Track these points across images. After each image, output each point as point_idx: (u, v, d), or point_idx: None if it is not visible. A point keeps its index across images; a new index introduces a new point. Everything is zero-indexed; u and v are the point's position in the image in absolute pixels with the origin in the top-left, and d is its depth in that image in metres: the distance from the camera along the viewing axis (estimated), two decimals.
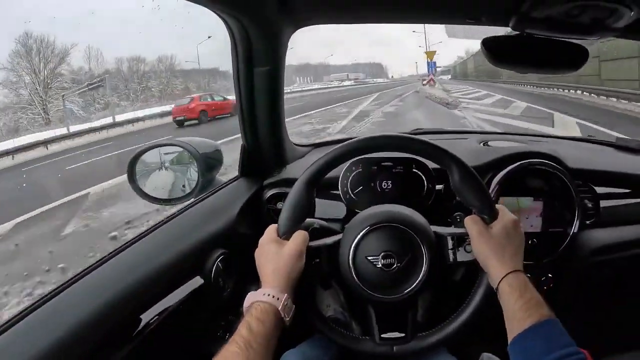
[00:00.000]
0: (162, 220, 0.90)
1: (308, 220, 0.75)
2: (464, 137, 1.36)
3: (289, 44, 1.00)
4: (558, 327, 0.59)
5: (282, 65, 1.02)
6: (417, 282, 0.71)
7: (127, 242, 0.81)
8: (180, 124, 14.27)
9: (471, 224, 0.70)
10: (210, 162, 1.08)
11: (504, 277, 0.65)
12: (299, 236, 0.70)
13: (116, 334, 0.67)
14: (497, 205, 0.71)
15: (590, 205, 1.09)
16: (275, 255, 0.69)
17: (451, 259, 0.73)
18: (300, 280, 0.70)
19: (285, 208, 0.72)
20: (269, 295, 0.65)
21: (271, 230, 0.73)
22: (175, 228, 0.90)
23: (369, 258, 0.72)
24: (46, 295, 0.65)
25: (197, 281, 0.84)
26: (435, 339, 0.73)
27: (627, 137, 1.38)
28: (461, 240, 0.72)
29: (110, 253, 0.77)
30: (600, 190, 1.11)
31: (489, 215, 0.70)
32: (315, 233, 0.74)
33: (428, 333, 0.74)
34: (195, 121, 14.19)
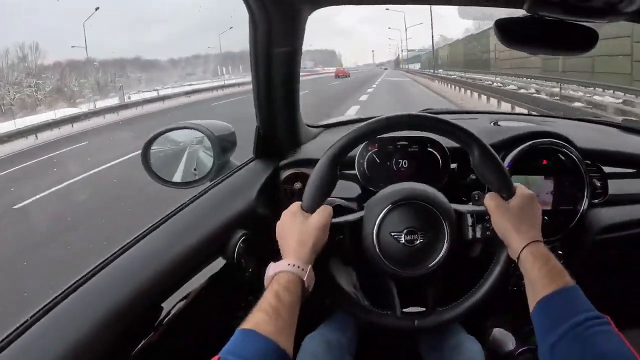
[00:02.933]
0: (181, 205, 0.90)
1: (329, 199, 0.76)
2: (474, 117, 1.37)
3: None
4: (581, 294, 0.61)
5: (300, 48, 1.02)
6: (439, 257, 0.73)
7: (146, 230, 0.81)
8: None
9: (490, 200, 0.72)
10: (224, 145, 1.08)
11: (525, 246, 0.67)
12: (325, 210, 0.72)
13: (139, 323, 0.67)
14: (515, 184, 0.73)
15: (598, 184, 1.11)
16: (301, 226, 0.70)
17: (470, 236, 0.75)
18: (321, 256, 0.71)
19: (310, 183, 0.73)
20: (293, 265, 0.65)
21: (295, 205, 0.74)
22: (196, 211, 0.90)
23: (393, 234, 0.73)
24: (69, 288, 0.65)
25: (220, 262, 0.86)
26: (454, 314, 0.75)
27: (633, 119, 1.41)
28: (480, 217, 0.74)
29: (130, 242, 0.77)
30: (608, 170, 1.14)
31: (507, 193, 0.72)
32: (337, 210, 0.76)
33: (447, 308, 0.76)
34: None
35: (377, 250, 0.74)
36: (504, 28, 0.87)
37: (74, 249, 3.72)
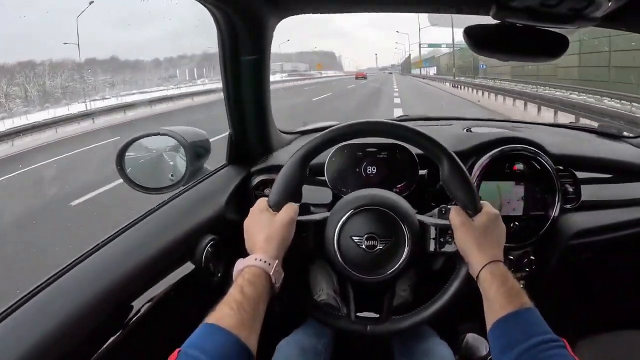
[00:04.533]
0: (152, 209, 0.91)
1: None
2: (449, 123, 1.38)
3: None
4: (538, 315, 0.62)
5: (268, 55, 1.03)
6: (397, 265, 0.74)
7: (117, 231, 0.82)
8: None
9: (455, 215, 0.72)
10: (198, 151, 1.08)
11: (485, 265, 0.67)
12: (290, 207, 0.72)
13: (108, 322, 0.68)
14: (481, 202, 0.74)
15: (571, 189, 1.12)
16: (268, 222, 0.71)
17: (432, 249, 0.76)
18: (289, 254, 0.71)
19: (278, 181, 0.74)
20: (260, 260, 0.66)
21: (263, 201, 0.75)
22: (165, 215, 0.91)
23: (354, 238, 0.74)
24: (38, 286, 0.65)
25: (189, 267, 0.86)
26: (407, 324, 0.76)
27: (608, 124, 1.41)
28: (444, 231, 0.75)
29: (101, 242, 0.78)
30: (582, 175, 1.14)
31: (473, 209, 0.72)
32: (303, 210, 0.77)
33: (402, 317, 0.77)
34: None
35: (337, 252, 0.75)
36: (473, 35, 0.88)
37: None
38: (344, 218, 0.75)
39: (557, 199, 1.06)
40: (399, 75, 58.35)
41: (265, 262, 0.66)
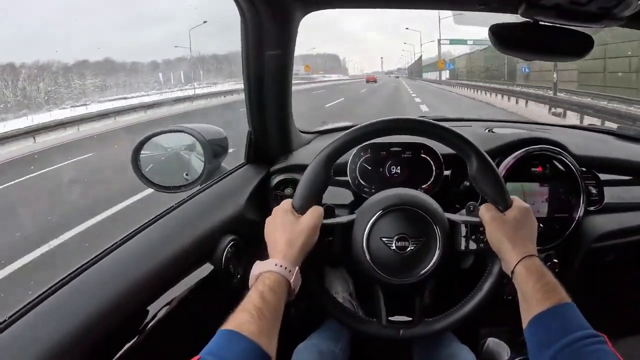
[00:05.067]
0: (170, 208, 0.89)
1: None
2: (468, 124, 1.37)
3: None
4: (576, 311, 0.60)
5: (292, 50, 1.02)
6: (429, 266, 0.72)
7: (133, 231, 0.80)
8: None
9: (485, 211, 0.71)
10: (216, 149, 1.07)
11: (520, 260, 0.65)
12: (316, 211, 0.70)
13: (125, 325, 0.66)
14: (511, 196, 0.72)
15: (594, 191, 1.11)
16: (291, 226, 0.68)
17: (463, 247, 0.74)
18: (310, 258, 0.69)
19: (302, 183, 0.72)
20: (281, 266, 0.64)
21: (287, 202, 0.72)
22: (184, 215, 0.89)
23: (384, 239, 0.72)
24: (52, 287, 0.64)
25: (208, 268, 0.84)
26: (441, 326, 0.74)
27: (628, 126, 1.41)
28: (474, 228, 0.73)
29: (117, 242, 0.76)
30: (603, 177, 1.13)
31: (504, 204, 0.70)
32: (328, 212, 0.74)
33: (435, 319, 0.75)
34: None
35: (367, 255, 0.72)
36: (498, 34, 0.87)
37: None
38: (373, 219, 0.73)
39: (581, 201, 1.05)
40: (408, 79, 51.70)
41: (285, 268, 0.64)
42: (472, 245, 0.73)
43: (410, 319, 0.75)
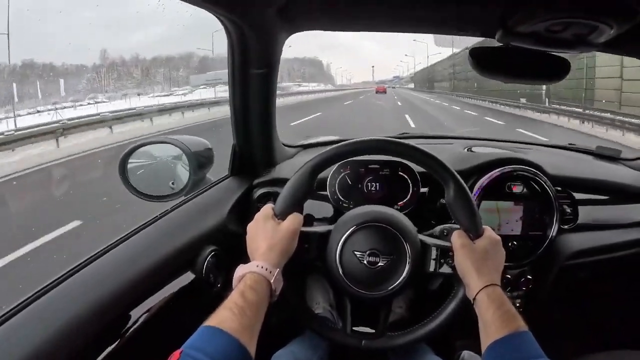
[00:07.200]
0: (154, 218, 0.91)
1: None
2: (449, 142, 1.40)
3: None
4: (532, 339, 0.63)
5: (277, 68, 1.05)
6: (397, 282, 0.75)
7: (119, 239, 0.82)
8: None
9: (457, 237, 0.73)
10: (201, 161, 1.08)
11: (482, 288, 0.68)
12: (296, 217, 0.73)
13: (106, 331, 0.68)
14: (483, 227, 0.75)
15: (569, 210, 1.14)
16: (272, 231, 0.71)
17: (432, 269, 0.76)
18: (289, 265, 0.72)
19: (286, 190, 0.75)
20: (262, 267, 0.66)
21: (268, 208, 0.75)
22: (168, 225, 0.92)
23: (356, 253, 0.75)
24: (36, 293, 0.65)
25: (189, 277, 0.86)
26: (403, 341, 0.77)
27: (606, 146, 1.44)
28: (444, 252, 0.76)
29: (102, 249, 0.78)
30: (579, 196, 1.16)
31: (475, 233, 0.73)
32: (307, 220, 0.77)
33: (398, 334, 0.78)
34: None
35: (339, 266, 0.75)
36: (477, 57, 0.89)
37: None
38: (348, 232, 0.76)
39: (555, 220, 1.08)
40: (410, 91, 42.75)
41: (266, 269, 0.66)
42: (441, 268, 0.76)
43: (373, 331, 0.79)
